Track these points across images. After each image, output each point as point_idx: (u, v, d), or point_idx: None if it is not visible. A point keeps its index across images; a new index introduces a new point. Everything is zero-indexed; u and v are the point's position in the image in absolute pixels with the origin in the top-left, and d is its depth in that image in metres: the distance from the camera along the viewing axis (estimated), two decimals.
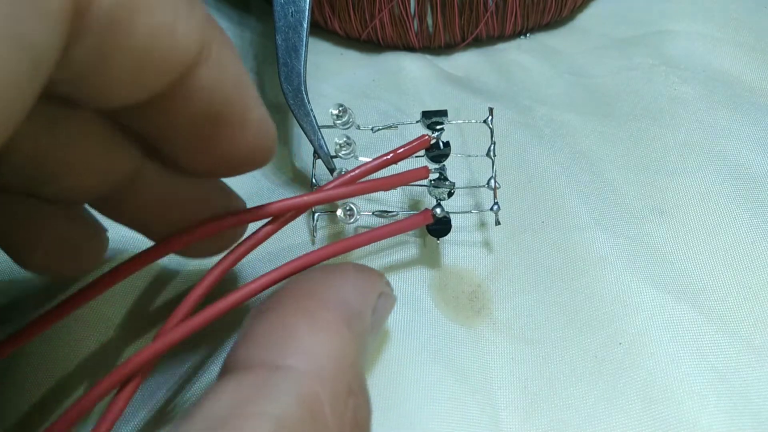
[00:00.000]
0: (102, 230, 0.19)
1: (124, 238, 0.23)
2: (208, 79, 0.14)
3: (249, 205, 0.20)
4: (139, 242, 0.19)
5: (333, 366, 0.14)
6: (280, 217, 0.20)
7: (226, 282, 0.23)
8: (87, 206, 0.19)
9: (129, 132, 0.16)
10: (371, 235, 0.21)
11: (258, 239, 0.20)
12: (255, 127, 0.16)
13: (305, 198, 0.19)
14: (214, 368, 0.21)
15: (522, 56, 0.31)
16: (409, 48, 0.31)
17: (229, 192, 0.20)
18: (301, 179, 0.26)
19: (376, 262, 0.24)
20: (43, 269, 0.18)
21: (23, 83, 0.10)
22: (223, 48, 0.14)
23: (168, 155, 0.16)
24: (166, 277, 0.23)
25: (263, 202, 0.19)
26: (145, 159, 0.17)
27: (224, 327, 0.22)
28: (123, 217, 0.18)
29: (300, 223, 0.24)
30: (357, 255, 0.24)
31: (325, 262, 0.20)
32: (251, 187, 0.25)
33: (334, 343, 0.15)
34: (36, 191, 0.16)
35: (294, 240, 0.24)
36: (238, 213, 0.19)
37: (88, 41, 0.11)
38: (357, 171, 0.21)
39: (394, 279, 0.23)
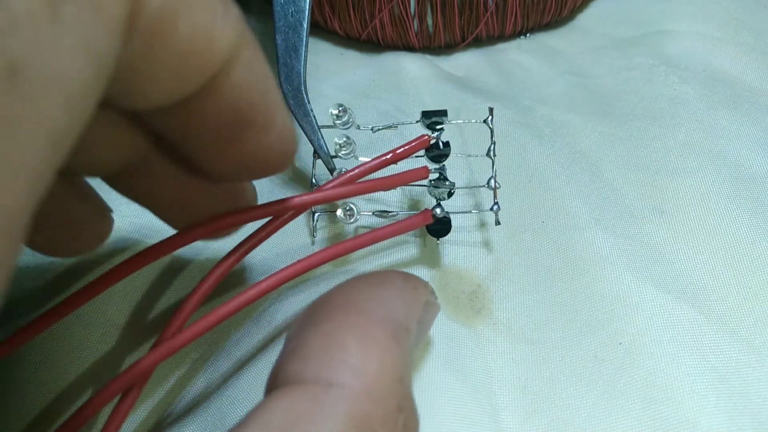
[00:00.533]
0: (107, 210, 0.19)
1: (123, 238, 0.24)
2: (238, 79, 0.14)
3: None
4: (138, 241, 0.19)
5: (383, 384, 0.14)
6: (280, 216, 0.20)
7: (227, 283, 0.23)
8: (96, 183, 0.19)
9: (137, 124, 0.16)
10: (371, 236, 0.21)
11: (257, 240, 0.20)
12: (278, 130, 0.16)
13: (305, 198, 0.19)
14: (221, 366, 0.21)
15: (522, 56, 0.31)
16: (409, 48, 0.31)
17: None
18: (301, 179, 0.26)
19: (376, 262, 0.24)
20: (47, 248, 0.19)
21: (90, 90, 0.11)
22: (253, 50, 0.14)
23: (188, 157, 0.16)
24: (166, 277, 0.23)
25: (263, 202, 0.19)
26: (153, 148, 0.17)
27: (224, 328, 0.22)
28: (134, 196, 0.18)
29: (300, 223, 0.24)
30: (357, 255, 0.24)
31: (329, 263, 0.19)
32: None
33: (384, 360, 0.15)
34: None
35: (294, 240, 0.24)
36: (238, 212, 0.19)
37: (134, 44, 0.12)
38: (357, 171, 0.21)
39: None
